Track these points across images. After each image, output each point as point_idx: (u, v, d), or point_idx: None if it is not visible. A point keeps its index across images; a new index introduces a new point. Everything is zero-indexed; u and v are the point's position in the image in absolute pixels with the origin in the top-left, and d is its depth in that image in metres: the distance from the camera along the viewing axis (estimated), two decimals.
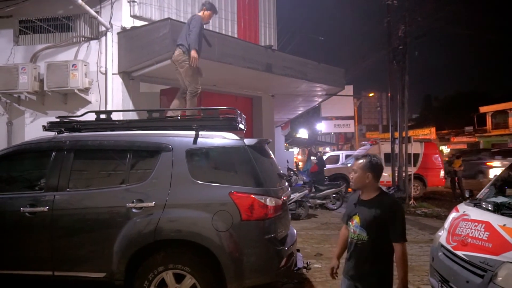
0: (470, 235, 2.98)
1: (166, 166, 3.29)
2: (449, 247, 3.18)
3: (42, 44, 7.59)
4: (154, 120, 3.76)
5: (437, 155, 14.29)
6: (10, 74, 7.08)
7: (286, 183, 4.20)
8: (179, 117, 4.16)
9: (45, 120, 6.99)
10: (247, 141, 3.41)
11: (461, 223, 3.22)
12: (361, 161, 2.50)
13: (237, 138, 3.46)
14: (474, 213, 3.20)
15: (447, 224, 3.53)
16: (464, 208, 3.46)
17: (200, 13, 5.41)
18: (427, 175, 13.59)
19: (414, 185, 12.14)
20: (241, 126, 3.82)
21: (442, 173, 13.90)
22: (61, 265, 3.27)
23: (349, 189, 13.46)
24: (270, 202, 3.19)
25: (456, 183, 12.81)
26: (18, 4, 7.19)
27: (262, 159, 3.52)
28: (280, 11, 10.50)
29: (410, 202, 10.89)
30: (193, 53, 4.99)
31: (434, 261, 3.42)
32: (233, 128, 3.65)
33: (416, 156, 12.93)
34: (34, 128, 7.27)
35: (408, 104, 11.77)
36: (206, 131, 3.47)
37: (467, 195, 3.91)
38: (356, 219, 2.46)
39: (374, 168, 2.48)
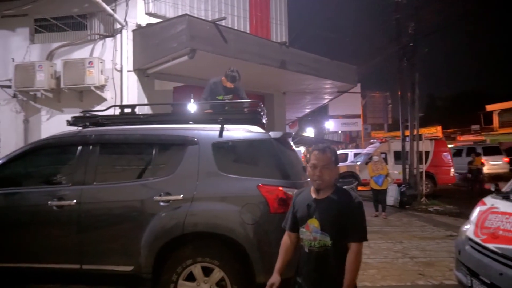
0: (502, 227, 2.96)
1: (193, 159, 3.30)
2: (478, 240, 3.16)
3: (57, 43, 7.64)
4: (179, 114, 3.77)
5: (447, 153, 14.23)
6: (27, 72, 7.14)
7: None
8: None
9: (61, 117, 7.11)
10: (273, 134, 3.42)
11: (490, 216, 3.20)
12: (328, 153, 2.10)
13: (263, 131, 3.47)
14: (504, 205, 3.18)
15: (473, 217, 3.51)
16: (491, 201, 3.43)
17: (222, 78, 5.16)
18: (437, 173, 13.54)
19: (424, 183, 12.09)
20: (264, 119, 3.82)
21: (452, 170, 13.84)
22: (89, 258, 3.28)
23: (359, 188, 13.46)
24: None
25: (477, 180, 12.82)
26: (34, 2, 7.24)
27: (287, 152, 3.52)
28: (290, 8, 10.50)
29: (422, 200, 10.85)
30: None
31: (461, 255, 3.40)
32: (257, 122, 3.65)
33: (426, 154, 12.89)
34: (50, 125, 7.33)
35: (421, 100, 11.74)
36: (231, 124, 3.48)
37: (492, 189, 3.89)
38: (314, 223, 2.07)
39: (338, 159, 2.18)
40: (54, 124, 7.19)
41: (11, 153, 3.74)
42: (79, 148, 3.51)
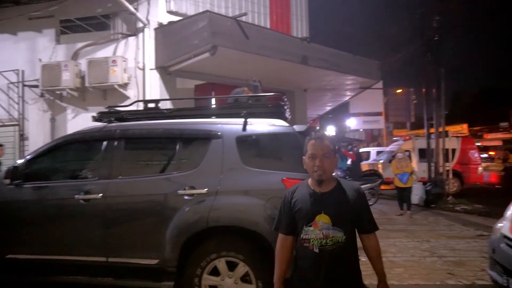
0: None
1: (217, 153, 3.28)
2: None
3: (82, 43, 7.82)
4: (203, 109, 3.76)
5: (475, 151, 13.76)
6: (53, 72, 7.34)
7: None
8: None
9: (86, 116, 7.27)
10: (297, 127, 3.35)
11: None
12: (327, 141, 1.95)
13: (287, 124, 3.41)
14: None
15: (509, 214, 3.35)
16: None
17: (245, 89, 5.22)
18: (464, 171, 13.11)
19: (451, 181, 11.72)
20: (287, 113, 3.76)
21: (480, 169, 13.37)
22: (114, 251, 3.31)
23: (382, 186, 13.16)
24: None
25: None
26: (60, 3, 7.43)
27: None
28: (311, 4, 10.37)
29: (448, 199, 10.50)
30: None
31: (496, 253, 3.24)
32: (280, 115, 3.60)
33: (453, 151, 12.48)
34: (75, 124, 7.49)
35: (445, 97, 11.37)
36: (254, 118, 3.43)
37: None
38: (323, 219, 1.88)
39: (335, 148, 2.01)
40: (80, 122, 7.35)
41: (39, 148, 3.83)
42: (105, 142, 3.55)
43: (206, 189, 3.16)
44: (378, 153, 16.58)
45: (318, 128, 4.20)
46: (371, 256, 1.98)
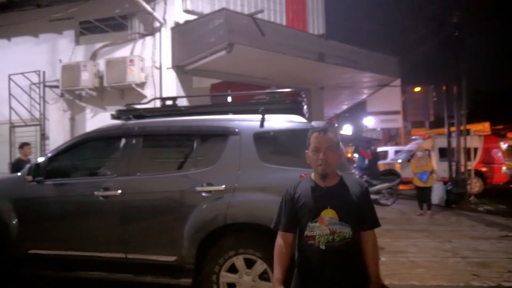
0: None
1: (234, 150, 3.25)
2: None
3: (100, 43, 7.94)
4: (220, 105, 3.75)
5: (498, 150, 13.33)
6: (73, 72, 7.48)
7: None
8: None
9: (104, 115, 7.38)
10: (315, 123, 3.28)
11: None
12: (330, 134, 1.87)
13: (305, 120, 3.36)
14: None
15: None
16: None
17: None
18: (486, 171, 12.71)
19: (473, 181, 11.39)
20: (305, 110, 3.71)
21: (504, 168, 12.94)
22: (133, 248, 3.33)
23: (400, 186, 12.90)
24: None
25: None
26: (80, 4, 7.56)
27: None
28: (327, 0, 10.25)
29: (470, 199, 10.21)
30: None
31: None
32: (298, 111, 3.55)
33: (475, 150, 12.13)
34: (94, 123, 7.58)
35: (466, 95, 11.05)
36: (272, 114, 3.39)
37: None
38: (330, 214, 1.81)
39: (339, 141, 1.93)
40: (98, 121, 7.44)
41: (59, 146, 3.89)
42: (123, 140, 3.58)
43: (224, 185, 3.14)
44: (396, 152, 16.27)
45: (336, 125, 4.11)
46: (368, 253, 1.87)
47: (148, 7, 7.11)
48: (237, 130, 3.31)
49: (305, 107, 3.73)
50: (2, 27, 8.46)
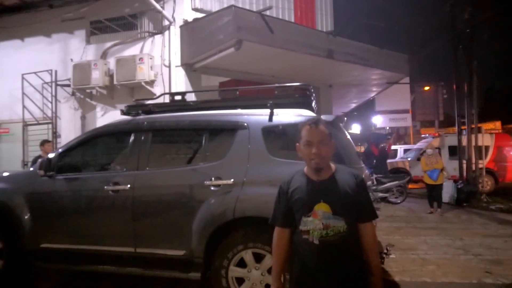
0: None
1: (243, 144, 3.26)
2: None
3: (110, 42, 8.02)
4: (228, 100, 3.75)
5: (510, 148, 13.08)
6: (84, 71, 7.56)
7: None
8: None
9: (114, 113, 7.44)
10: (325, 117, 3.25)
11: None
12: (322, 126, 1.83)
13: (314, 114, 3.35)
14: None
15: None
16: None
17: None
18: (498, 169, 12.49)
19: (484, 180, 11.21)
20: (314, 104, 3.70)
21: None
22: (142, 242, 3.35)
23: (410, 185, 12.74)
24: None
25: None
26: (90, 4, 7.65)
27: (340, 137, 3.35)
28: None
29: (482, 197, 10.05)
30: None
31: None
32: (307, 105, 3.54)
33: (486, 149, 11.93)
34: (105, 121, 7.63)
35: (477, 94, 10.88)
36: (281, 108, 3.38)
37: None
38: (323, 208, 1.77)
39: (332, 134, 1.89)
40: (108, 119, 7.44)
41: (70, 142, 3.94)
42: (132, 135, 3.61)
43: (232, 179, 3.14)
44: (405, 151, 16.12)
45: (345, 118, 4.10)
46: (367, 246, 1.84)
47: (158, 6, 7.16)
48: (245, 124, 3.31)
49: (314, 101, 3.72)
50: (16, 28, 8.60)
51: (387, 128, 25.18)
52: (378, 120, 23.41)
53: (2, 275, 3.73)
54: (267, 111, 3.33)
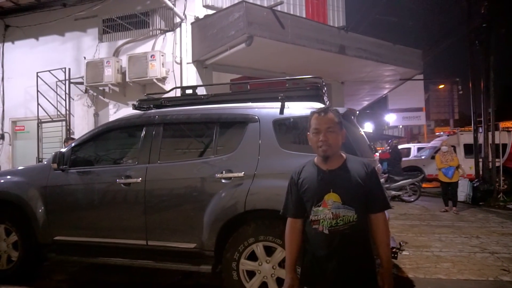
0: None
1: (254, 137, 3.23)
2: None
3: (122, 40, 8.10)
4: (239, 93, 3.73)
5: None
6: (97, 68, 7.66)
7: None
8: None
9: (126, 110, 7.50)
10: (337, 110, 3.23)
11: None
12: (331, 114, 1.82)
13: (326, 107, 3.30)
14: None
15: None
16: None
17: None
18: None
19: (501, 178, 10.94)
20: (325, 96, 3.65)
21: None
22: (154, 235, 3.35)
23: (424, 184, 12.52)
24: None
25: None
26: (103, 3, 7.74)
27: (352, 130, 3.31)
28: None
29: (499, 196, 9.82)
30: None
31: None
32: (318, 98, 3.49)
33: (503, 146, 11.64)
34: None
35: (494, 91, 10.61)
36: (292, 101, 3.35)
37: None
38: (333, 198, 1.77)
39: (342, 122, 1.87)
40: (120, 116, 7.59)
41: (82, 136, 3.98)
42: (144, 128, 3.62)
43: (243, 172, 3.12)
44: (419, 149, 15.87)
45: (357, 112, 4.04)
46: (378, 237, 1.82)
47: (169, 3, 7.20)
48: (256, 117, 3.29)
49: (325, 93, 3.68)
50: (30, 27, 8.78)
51: (400, 126, 24.92)
52: (391, 118, 23.11)
53: (18, 266, 3.80)
54: (278, 104, 3.30)
